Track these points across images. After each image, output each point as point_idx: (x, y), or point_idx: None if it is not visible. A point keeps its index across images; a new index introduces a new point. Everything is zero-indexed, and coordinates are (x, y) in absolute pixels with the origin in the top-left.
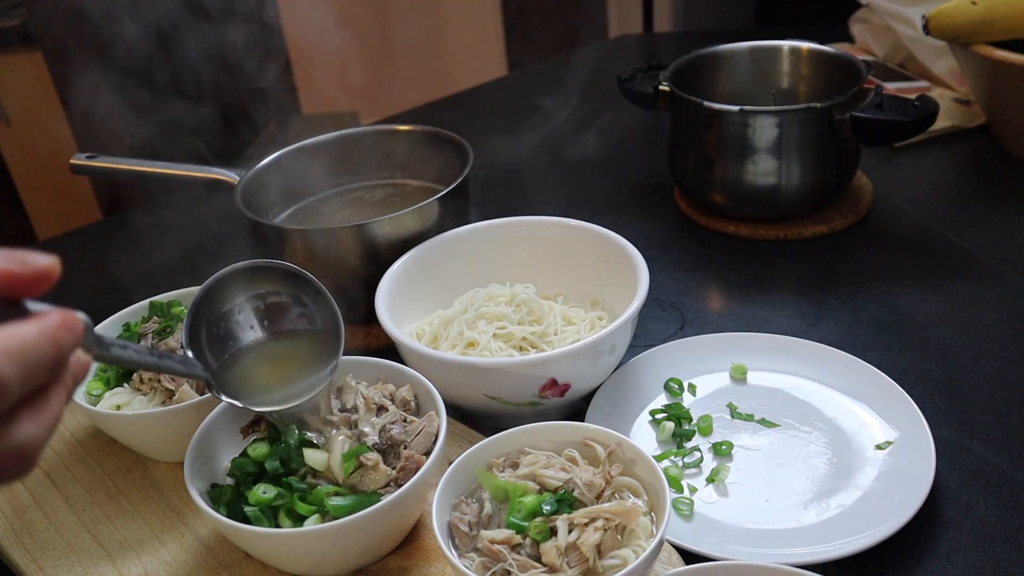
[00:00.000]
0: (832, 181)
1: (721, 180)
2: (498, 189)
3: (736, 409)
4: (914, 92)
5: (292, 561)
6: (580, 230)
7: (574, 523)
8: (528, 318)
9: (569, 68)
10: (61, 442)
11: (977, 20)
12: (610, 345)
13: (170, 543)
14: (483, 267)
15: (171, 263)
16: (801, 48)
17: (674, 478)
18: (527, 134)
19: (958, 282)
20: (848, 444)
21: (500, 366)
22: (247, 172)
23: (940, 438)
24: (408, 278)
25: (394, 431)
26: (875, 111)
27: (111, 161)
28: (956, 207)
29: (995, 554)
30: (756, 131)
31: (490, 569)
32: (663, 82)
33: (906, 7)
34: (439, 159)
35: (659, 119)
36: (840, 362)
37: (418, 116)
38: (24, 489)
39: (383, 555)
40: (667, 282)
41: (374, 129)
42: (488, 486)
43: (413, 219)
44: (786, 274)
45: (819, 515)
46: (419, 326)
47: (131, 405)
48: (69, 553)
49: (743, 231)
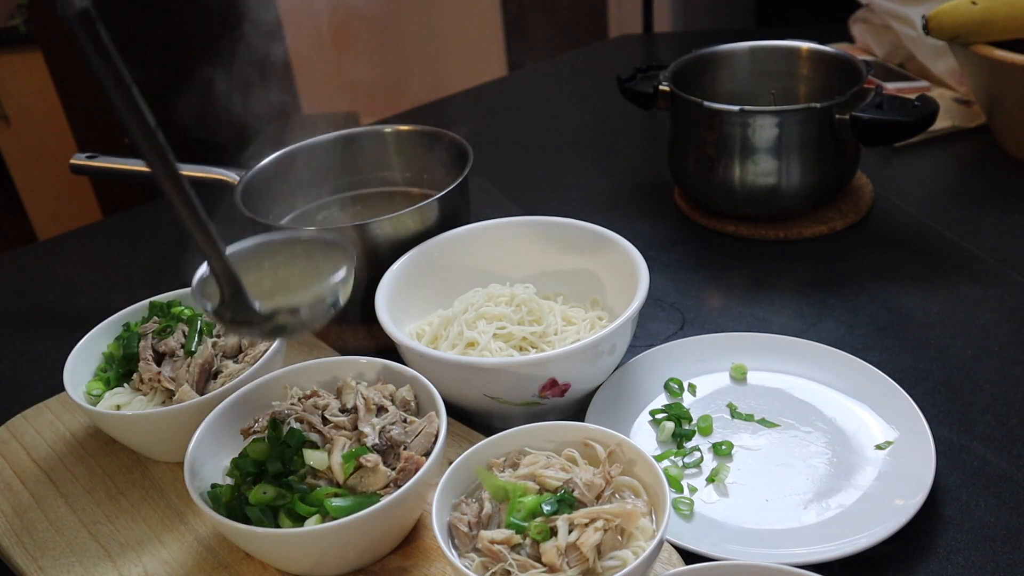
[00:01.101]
0: (832, 181)
1: (721, 180)
2: (498, 189)
3: (736, 409)
4: (914, 92)
5: (292, 561)
6: (580, 230)
7: (574, 523)
8: (528, 318)
9: (569, 68)
10: (61, 442)
11: (977, 20)
12: (610, 345)
13: (170, 543)
14: (483, 267)
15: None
16: (801, 48)
17: (674, 478)
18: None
19: (958, 282)
20: (848, 444)
21: (500, 366)
22: (247, 172)
23: (940, 438)
24: (408, 278)
25: (394, 432)
26: (875, 111)
27: (111, 161)
28: (956, 207)
29: (995, 554)
30: (756, 131)
31: (490, 569)
32: (663, 82)
33: (906, 7)
34: (439, 159)
35: (659, 119)
36: (840, 362)
37: (418, 116)
38: (24, 489)
39: (383, 555)
40: (667, 282)
41: (374, 129)
42: (488, 486)
43: (413, 219)
44: (786, 274)
45: (819, 515)
46: (419, 326)
47: (131, 405)
48: (69, 553)
49: (743, 231)
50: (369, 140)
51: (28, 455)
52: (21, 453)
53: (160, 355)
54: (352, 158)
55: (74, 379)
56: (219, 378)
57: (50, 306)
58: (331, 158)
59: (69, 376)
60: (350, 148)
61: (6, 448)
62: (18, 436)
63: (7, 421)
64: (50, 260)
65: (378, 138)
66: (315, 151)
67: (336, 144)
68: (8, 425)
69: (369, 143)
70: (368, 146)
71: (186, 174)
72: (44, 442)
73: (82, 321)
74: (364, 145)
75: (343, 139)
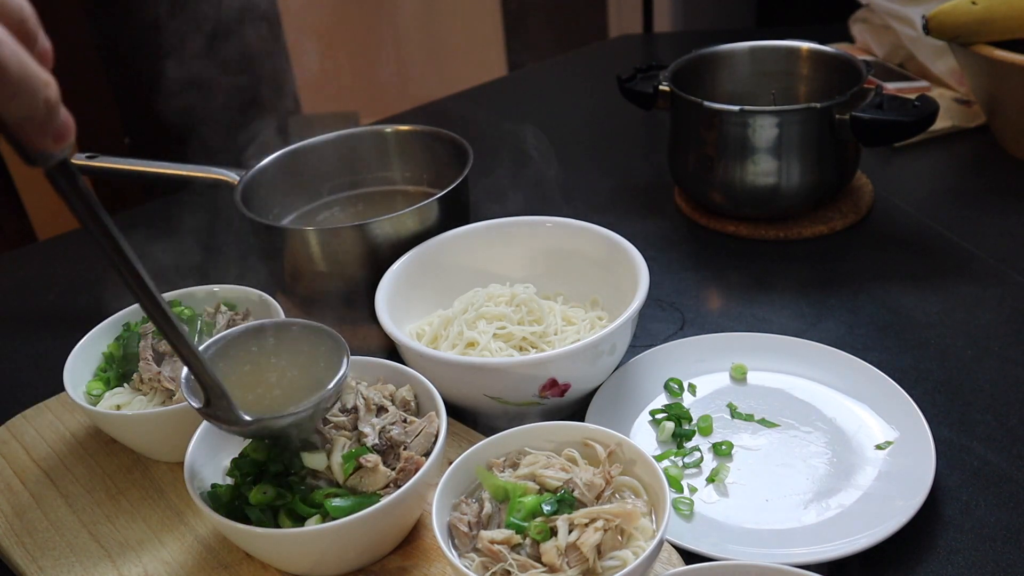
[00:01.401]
0: (832, 181)
1: (721, 180)
2: (498, 189)
3: (736, 409)
4: (914, 92)
5: (292, 561)
6: (580, 230)
7: (574, 523)
8: (528, 318)
9: (569, 68)
10: (61, 442)
11: (977, 20)
12: (610, 345)
13: (170, 543)
14: (483, 267)
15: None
16: (801, 48)
17: (674, 478)
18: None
19: (958, 282)
20: (848, 444)
21: (500, 366)
22: (247, 172)
23: (940, 438)
24: (408, 278)
25: (394, 432)
26: (875, 111)
27: (111, 161)
28: (956, 207)
29: (995, 554)
30: (756, 131)
31: (490, 569)
32: (663, 82)
33: (906, 7)
34: (439, 159)
35: (659, 119)
36: (840, 362)
37: (418, 116)
38: (24, 489)
39: (383, 555)
40: (667, 282)
41: (374, 129)
42: (488, 486)
43: (413, 219)
44: (786, 274)
45: (819, 515)
46: (419, 326)
47: (131, 405)
48: (69, 553)
49: (743, 231)
50: (369, 140)
51: (28, 455)
52: (21, 453)
53: (160, 355)
54: (352, 158)
55: (74, 379)
56: None
57: (50, 306)
58: (331, 158)
59: (69, 376)
60: (350, 148)
61: (6, 448)
62: (18, 436)
63: (7, 421)
64: (50, 260)
65: (378, 138)
66: (315, 151)
67: (336, 144)
68: (8, 425)
69: (369, 143)
70: (368, 146)
71: (186, 174)
72: (44, 442)
73: (82, 321)
74: (364, 145)
75: (343, 139)
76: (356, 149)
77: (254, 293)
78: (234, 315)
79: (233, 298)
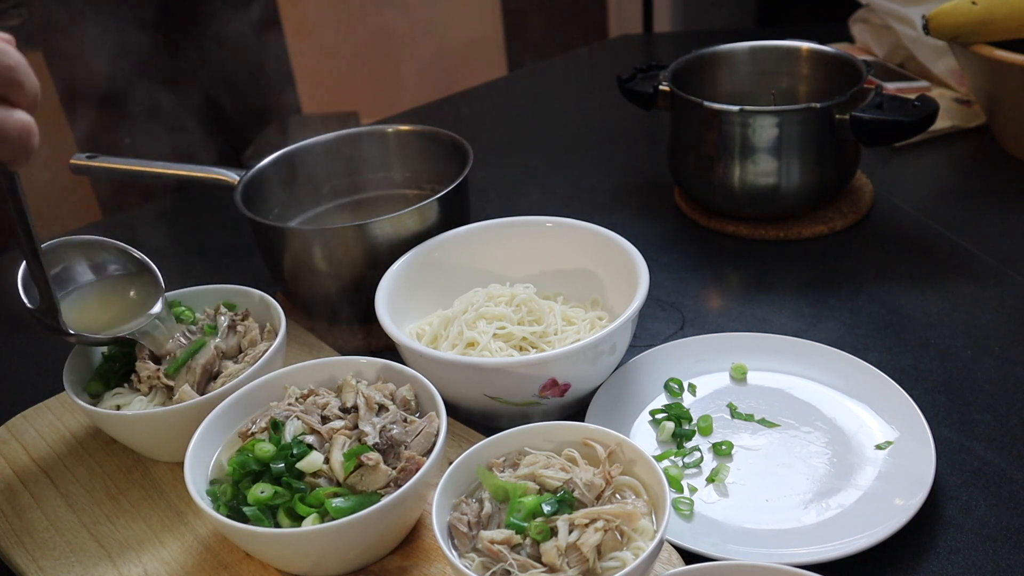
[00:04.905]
0: (832, 181)
1: (721, 180)
2: (498, 189)
3: (736, 409)
4: (914, 92)
5: (292, 561)
6: (580, 230)
7: (574, 523)
8: (528, 318)
9: (569, 68)
10: (61, 442)
11: (977, 20)
12: (610, 345)
13: (170, 543)
14: (483, 267)
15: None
16: (801, 48)
17: (674, 478)
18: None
19: (958, 282)
20: (848, 444)
21: (500, 366)
22: (247, 172)
23: (940, 438)
24: (408, 278)
25: (394, 431)
26: (875, 111)
27: (111, 161)
28: (956, 207)
29: (995, 554)
30: (756, 131)
31: (490, 569)
32: (663, 82)
33: (906, 7)
34: (439, 159)
35: (659, 119)
36: (840, 362)
37: (418, 116)
38: (24, 489)
39: (383, 555)
40: (667, 282)
41: (374, 129)
42: (488, 486)
43: (413, 219)
44: (786, 274)
45: (819, 515)
46: (419, 326)
47: (131, 405)
48: (69, 553)
49: (743, 231)
50: (369, 140)
51: (28, 455)
52: (21, 453)
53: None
54: (352, 158)
55: (74, 379)
56: (219, 378)
57: None
58: (331, 158)
59: (69, 376)
60: (350, 148)
61: (6, 448)
62: (18, 436)
63: (7, 421)
64: None
65: (378, 138)
66: (315, 151)
67: (336, 144)
68: (8, 425)
69: (369, 143)
70: (368, 146)
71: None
72: (44, 442)
73: None
74: (364, 145)
75: (343, 139)
76: (356, 149)
77: (254, 293)
78: (234, 315)
79: (233, 298)
